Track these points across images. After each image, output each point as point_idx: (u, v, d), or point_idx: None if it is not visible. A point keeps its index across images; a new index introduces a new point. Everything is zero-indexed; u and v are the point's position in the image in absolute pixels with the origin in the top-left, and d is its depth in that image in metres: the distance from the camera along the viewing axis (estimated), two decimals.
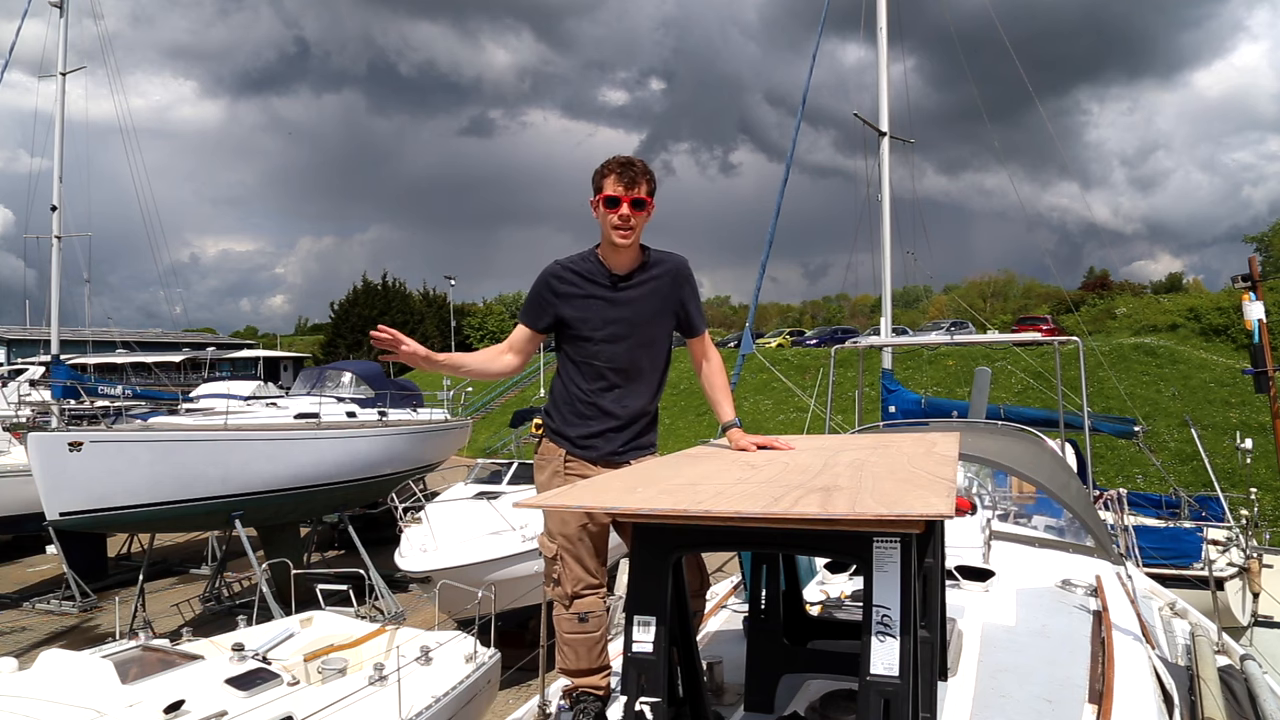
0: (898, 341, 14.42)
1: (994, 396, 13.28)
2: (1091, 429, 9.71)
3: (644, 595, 1.92)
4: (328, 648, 7.69)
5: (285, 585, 11.28)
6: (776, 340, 42.24)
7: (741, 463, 2.45)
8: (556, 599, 2.63)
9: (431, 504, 12.50)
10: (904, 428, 7.83)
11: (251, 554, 12.86)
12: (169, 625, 12.33)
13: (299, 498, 14.62)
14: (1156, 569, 7.57)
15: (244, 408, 17.05)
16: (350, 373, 19.54)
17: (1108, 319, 36.18)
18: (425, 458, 18.55)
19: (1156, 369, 25.87)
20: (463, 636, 7.76)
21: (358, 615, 10.37)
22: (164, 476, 12.31)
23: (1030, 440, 6.69)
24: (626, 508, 1.83)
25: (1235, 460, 13.64)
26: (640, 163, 2.69)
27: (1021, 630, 3.32)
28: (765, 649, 2.67)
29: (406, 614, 12.79)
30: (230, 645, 6.87)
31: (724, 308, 76.40)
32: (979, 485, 6.29)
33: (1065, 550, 4.79)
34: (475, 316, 65.47)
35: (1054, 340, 9.88)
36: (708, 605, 3.50)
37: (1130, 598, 3.88)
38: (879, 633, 1.66)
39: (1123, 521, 9.05)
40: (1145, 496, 12.55)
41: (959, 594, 3.68)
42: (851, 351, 14.45)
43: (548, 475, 2.76)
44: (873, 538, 1.68)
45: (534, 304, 2.76)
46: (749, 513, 1.66)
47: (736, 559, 4.31)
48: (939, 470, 2.11)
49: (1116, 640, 3.11)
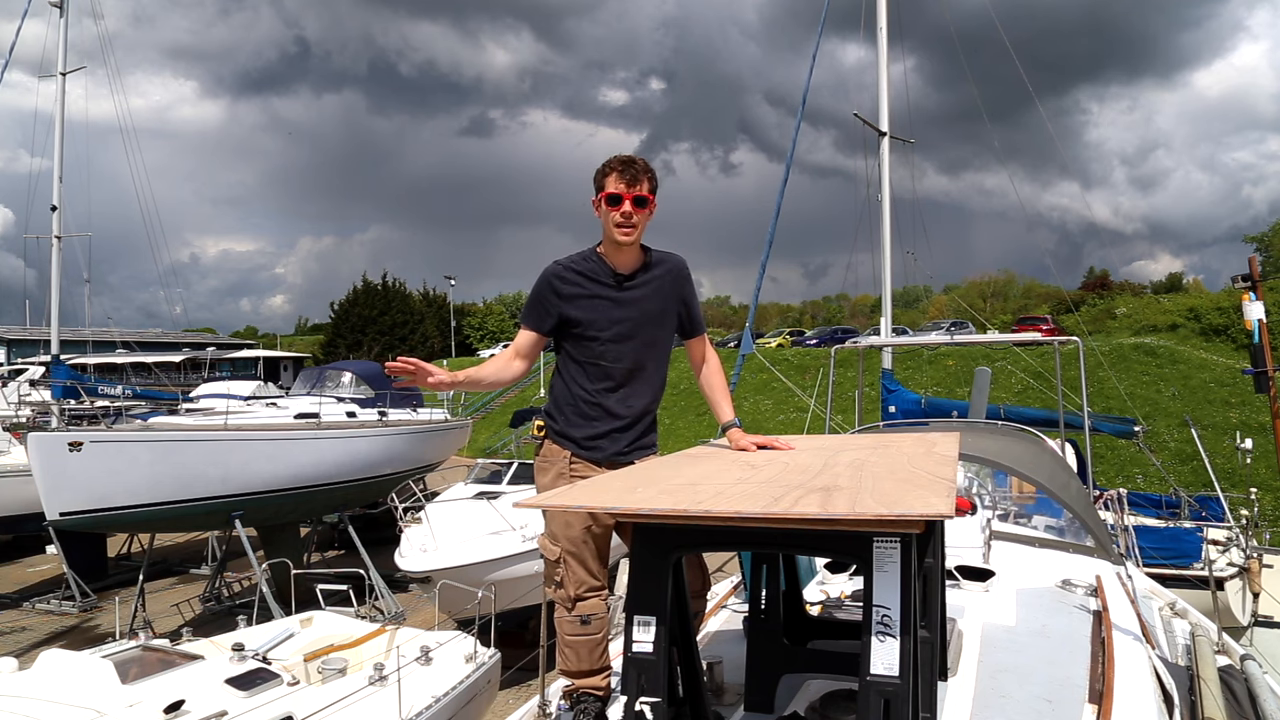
0: (898, 341, 14.43)
1: (994, 396, 13.28)
2: (1091, 429, 9.71)
3: (644, 595, 1.92)
4: (328, 648, 7.68)
5: (285, 585, 11.28)
6: (776, 340, 42.23)
7: (741, 463, 2.45)
8: (558, 601, 2.62)
9: (431, 504, 12.49)
10: (904, 428, 7.82)
11: (251, 554, 12.85)
12: (169, 625, 12.32)
13: (299, 498, 14.61)
14: (1156, 569, 7.56)
15: (244, 408, 17.05)
16: (350, 373, 19.54)
17: (1108, 319, 36.18)
18: (425, 458, 18.54)
19: (1156, 369, 25.86)
20: (463, 636, 7.75)
21: (358, 615, 10.35)
22: (164, 476, 12.30)
23: (1030, 440, 6.69)
24: (627, 508, 1.83)
25: (1235, 460, 13.63)
26: (642, 161, 2.69)
27: (1021, 630, 3.31)
28: (765, 649, 2.67)
29: (406, 614, 12.77)
30: (230, 645, 6.87)
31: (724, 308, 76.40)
32: (979, 485, 6.29)
33: (1065, 550, 4.79)
34: (475, 316, 65.50)
35: (1054, 340, 9.88)
36: (708, 605, 3.49)
37: (1130, 598, 3.88)
38: (879, 633, 1.66)
39: (1123, 521, 9.04)
40: (1145, 496, 12.55)
41: (959, 594, 3.68)
42: (851, 351, 14.45)
43: (551, 477, 2.74)
44: (873, 538, 1.68)
45: (537, 306, 2.74)
46: (749, 513, 1.66)
47: (736, 559, 4.31)
48: (939, 470, 2.11)
49: (1116, 640, 3.11)
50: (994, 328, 35.18)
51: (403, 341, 57.76)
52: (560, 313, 2.71)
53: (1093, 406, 11.69)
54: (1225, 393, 23.32)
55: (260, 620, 9.38)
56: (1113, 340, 29.16)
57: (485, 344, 59.77)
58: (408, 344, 57.95)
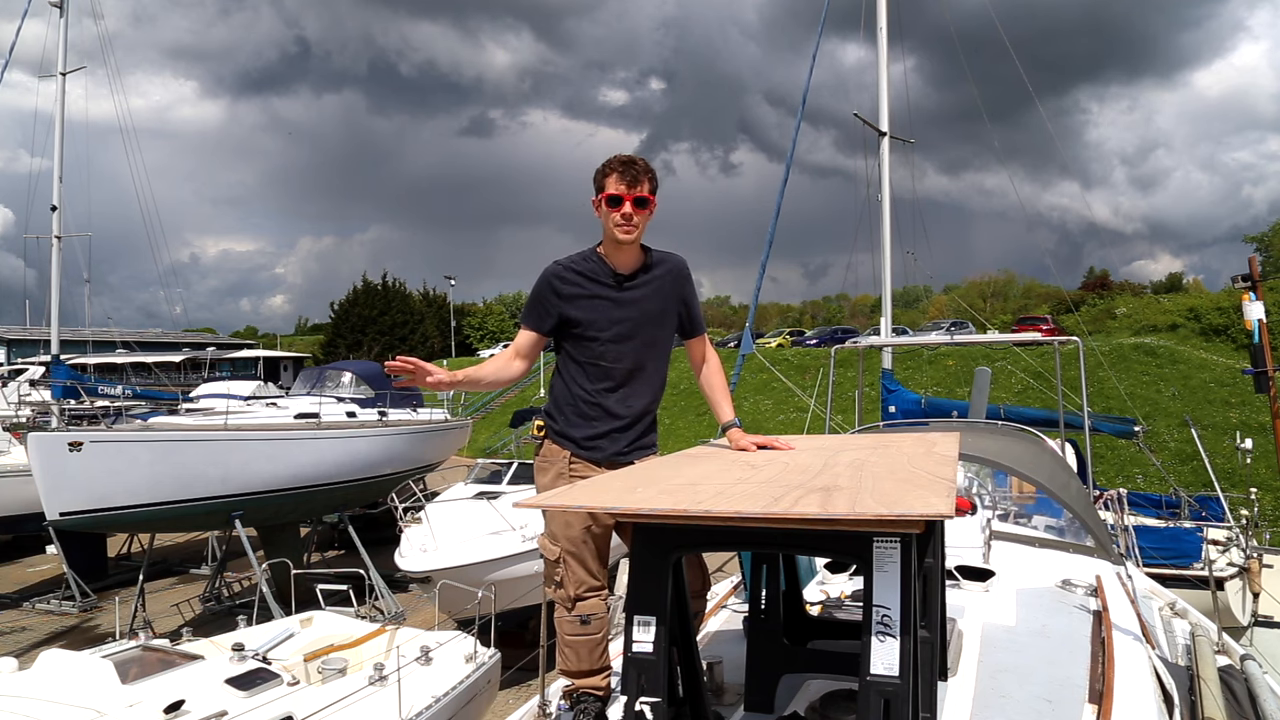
0: (898, 341, 14.43)
1: (994, 396, 13.29)
2: (1091, 429, 9.71)
3: (644, 595, 1.92)
4: (328, 648, 7.69)
5: (285, 585, 11.28)
6: (776, 340, 42.24)
7: (742, 463, 2.45)
8: (558, 601, 2.62)
9: (431, 504, 12.49)
10: (904, 428, 7.82)
11: (251, 554, 12.85)
12: (169, 625, 12.31)
13: (299, 498, 14.61)
14: (1156, 569, 7.57)
15: (244, 408, 17.06)
16: (350, 373, 19.54)
17: (1108, 319, 36.18)
18: (425, 458, 18.54)
19: (1156, 369, 25.86)
20: (463, 636, 7.75)
21: (358, 615, 10.36)
22: (164, 476, 12.30)
23: (1030, 440, 6.69)
24: (627, 507, 1.83)
25: (1235, 460, 13.63)
26: (642, 161, 2.70)
27: (1021, 630, 3.32)
28: (765, 649, 2.67)
29: (406, 614, 12.77)
30: (230, 645, 6.87)
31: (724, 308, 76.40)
32: (979, 485, 6.29)
33: (1065, 550, 4.79)
34: (475, 317, 65.48)
35: (1054, 340, 9.88)
36: (708, 605, 3.50)
37: (1130, 598, 3.88)
38: (879, 633, 1.66)
39: (1123, 521, 9.04)
40: (1145, 496, 12.55)
41: (959, 594, 3.68)
42: (851, 351, 14.45)
43: (551, 478, 2.74)
44: (873, 538, 1.68)
45: (537, 306, 2.75)
46: (749, 513, 1.66)
47: (736, 559, 4.31)
48: (939, 470, 2.11)
49: (1116, 640, 3.11)
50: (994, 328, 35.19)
51: (403, 341, 57.76)
52: (560, 313, 2.71)
53: (1093, 406, 11.69)
54: (1225, 393, 23.33)
55: (260, 620, 9.39)
56: (1113, 340, 29.17)
57: (485, 344, 59.76)
58: (408, 344, 57.95)
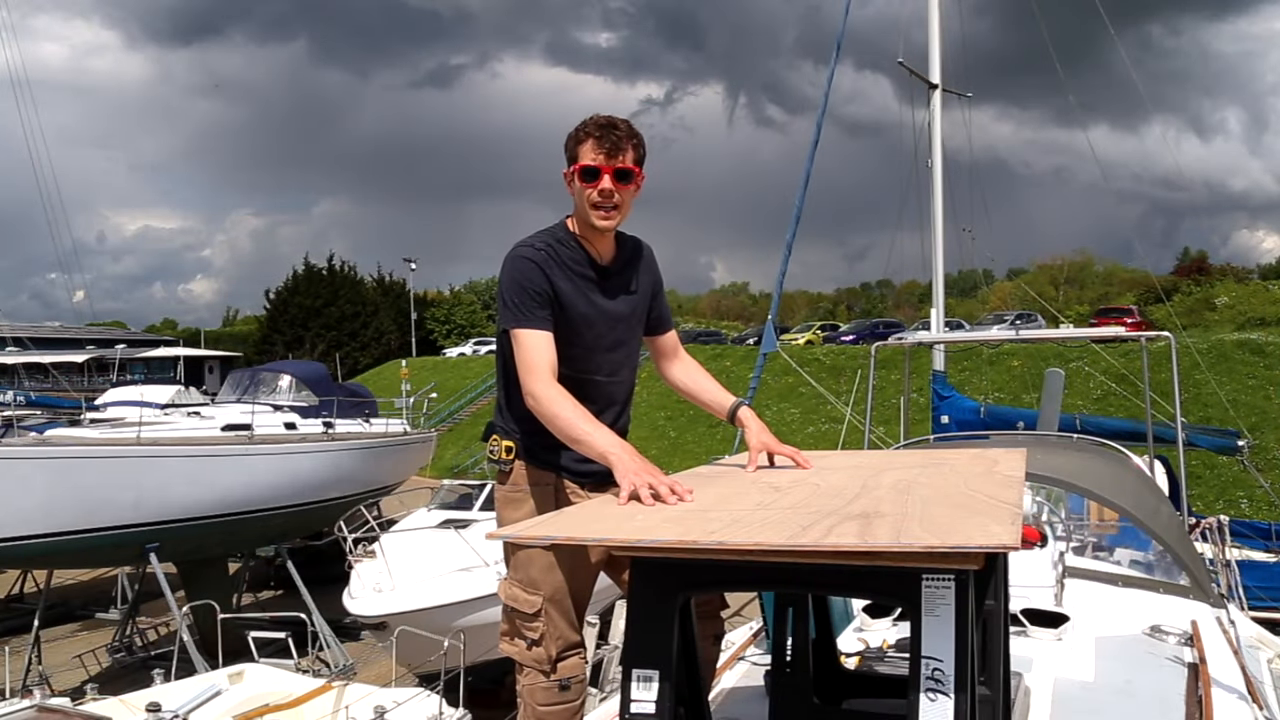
0: (952, 338, 14.47)
1: (1068, 404, 13.32)
2: (1186, 443, 9.72)
3: (645, 645, 1.91)
4: (262, 708, 7.70)
5: (211, 632, 11.28)
6: (805, 336, 42.38)
7: (762, 484, 2.44)
8: (532, 665, 2.52)
9: (387, 534, 12.51)
10: (959, 442, 7.85)
11: (170, 595, 12.86)
12: (70, 681, 12.32)
13: (227, 527, 14.62)
14: (1265, 613, 7.58)
15: (161, 418, 17.05)
16: (289, 375, 19.55)
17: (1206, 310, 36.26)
18: (380, 478, 18.56)
19: (1265, 370, 25.86)
20: (425, 694, 7.77)
21: (298, 669, 10.38)
22: (63, 501, 12.29)
23: (1112, 457, 6.72)
24: (622, 539, 1.83)
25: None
26: (625, 123, 2.57)
27: (1102, 687, 3.33)
28: (791, 709, 2.67)
29: (357, 667, 12.80)
30: (144, 705, 6.89)
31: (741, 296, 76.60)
32: (1050, 512, 6.29)
33: (1154, 590, 4.80)
34: (441, 307, 65.51)
35: (1141, 336, 9.90)
36: (722, 656, 3.50)
37: (1233, 648, 3.89)
38: (929, 690, 1.66)
39: (1224, 555, 9.03)
40: (1251, 525, 12.57)
41: (1026, 643, 3.69)
42: (896, 350, 14.45)
43: (526, 514, 2.60)
44: (921, 575, 1.68)
45: (539, 295, 2.55)
46: (771, 544, 1.66)
47: (757, 601, 4.31)
48: (1002, 494, 2.11)
49: (1216, 699, 3.11)
50: (1068, 321, 35.21)
51: (353, 337, 57.92)
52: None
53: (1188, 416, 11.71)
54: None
55: (180, 675, 9.41)
56: (1212, 336, 29.20)
57: (452, 341, 59.76)
58: (359, 340, 58.10)
